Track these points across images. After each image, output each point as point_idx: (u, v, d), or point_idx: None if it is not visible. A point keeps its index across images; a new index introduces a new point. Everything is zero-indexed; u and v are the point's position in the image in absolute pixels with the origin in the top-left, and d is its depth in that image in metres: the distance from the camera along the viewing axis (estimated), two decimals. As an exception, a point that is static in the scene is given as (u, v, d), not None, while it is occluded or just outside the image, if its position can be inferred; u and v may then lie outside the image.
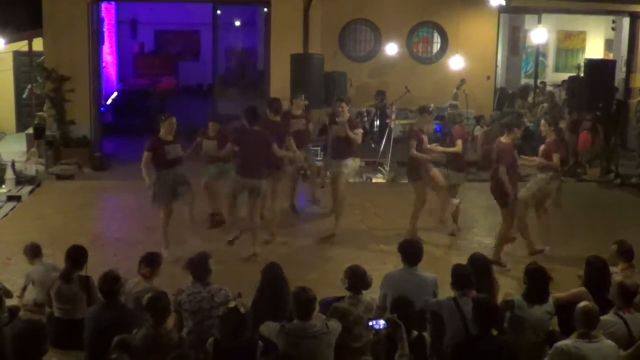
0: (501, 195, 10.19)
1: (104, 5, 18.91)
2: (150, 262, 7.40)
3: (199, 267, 7.01)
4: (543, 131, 10.92)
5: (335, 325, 6.42)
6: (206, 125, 11.82)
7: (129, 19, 25.47)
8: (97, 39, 16.95)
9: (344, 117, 11.43)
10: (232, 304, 6.08)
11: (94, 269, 7.59)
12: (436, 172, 11.32)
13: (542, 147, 10.80)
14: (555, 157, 10.59)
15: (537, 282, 6.93)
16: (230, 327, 5.94)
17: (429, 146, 11.25)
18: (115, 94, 22.81)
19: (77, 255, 7.46)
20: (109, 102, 21.29)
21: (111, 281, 6.71)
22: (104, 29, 20.52)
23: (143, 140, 10.83)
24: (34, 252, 8.43)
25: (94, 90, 16.67)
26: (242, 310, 5.99)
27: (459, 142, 11.38)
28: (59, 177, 15.35)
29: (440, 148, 11.58)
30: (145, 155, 10.33)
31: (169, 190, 10.41)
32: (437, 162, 11.65)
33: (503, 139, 10.32)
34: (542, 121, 11.12)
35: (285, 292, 7.04)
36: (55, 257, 8.64)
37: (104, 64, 19.81)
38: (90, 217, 12.91)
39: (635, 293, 6.74)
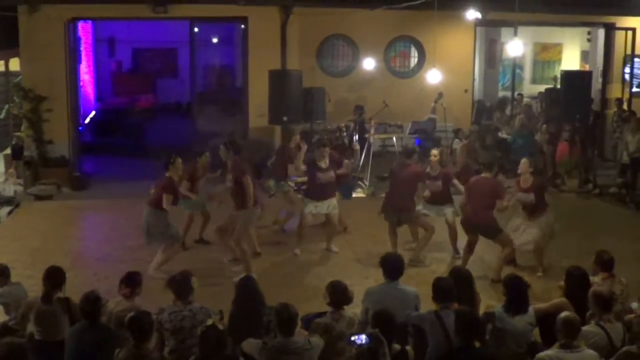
0: (492, 228, 10.47)
1: (80, 24, 18.86)
2: (130, 282, 7.34)
3: (180, 285, 6.99)
4: (523, 171, 10.88)
5: (317, 341, 6.42)
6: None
7: (106, 38, 25.40)
8: (74, 58, 16.89)
9: (325, 163, 11.62)
10: (209, 322, 6.07)
11: (74, 290, 7.53)
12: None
13: (526, 195, 10.74)
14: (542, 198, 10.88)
15: (515, 292, 6.97)
16: (209, 344, 5.92)
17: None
18: (94, 112, 22.76)
19: (55, 277, 7.39)
20: (87, 121, 21.21)
21: (92, 302, 6.66)
22: (81, 48, 20.47)
23: (122, 159, 10.84)
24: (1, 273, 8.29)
25: (71, 109, 16.60)
26: (221, 327, 5.97)
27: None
28: (38, 197, 15.26)
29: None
30: (168, 198, 10.36)
31: (170, 229, 10.61)
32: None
33: (485, 176, 10.69)
34: (524, 160, 11.07)
35: (261, 304, 7.05)
36: (35, 279, 8.56)
37: (81, 83, 19.71)
38: (70, 237, 12.85)
39: (610, 299, 6.78)
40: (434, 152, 11.85)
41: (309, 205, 11.68)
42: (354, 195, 15.50)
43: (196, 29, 18.00)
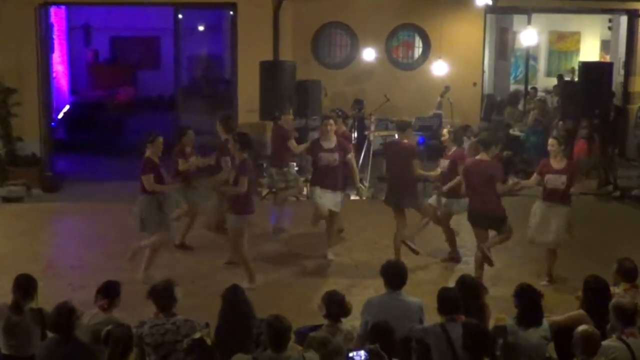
0: (498, 217, 10.37)
1: (53, 10, 18.83)
2: (108, 292, 7.31)
3: (163, 296, 6.98)
4: (552, 152, 10.79)
5: (312, 357, 6.40)
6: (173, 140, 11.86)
7: (81, 25, 25.37)
8: (46, 47, 16.84)
9: (331, 141, 11.53)
10: (197, 335, 6.07)
11: (46, 301, 7.51)
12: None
13: (558, 177, 10.59)
14: (580, 182, 10.73)
15: (527, 302, 6.97)
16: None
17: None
18: (68, 107, 22.72)
19: (26, 285, 7.37)
20: (60, 116, 21.19)
21: (66, 314, 6.63)
22: (54, 36, 20.43)
23: (99, 158, 10.83)
24: None
25: (43, 103, 16.56)
26: (209, 341, 5.98)
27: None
28: (6, 199, 15.23)
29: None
30: (148, 179, 10.43)
31: (161, 215, 10.59)
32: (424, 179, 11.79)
33: (481, 157, 10.51)
34: (552, 140, 11.00)
35: (250, 316, 7.05)
36: (3, 289, 8.54)
37: (54, 75, 19.70)
38: (42, 242, 12.83)
39: (633, 312, 6.77)
40: (444, 131, 11.89)
41: (315, 191, 11.66)
42: (352, 197, 15.52)
43: (180, 16, 17.99)
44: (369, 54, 18.83)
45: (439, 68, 18.05)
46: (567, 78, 21.01)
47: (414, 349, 7.00)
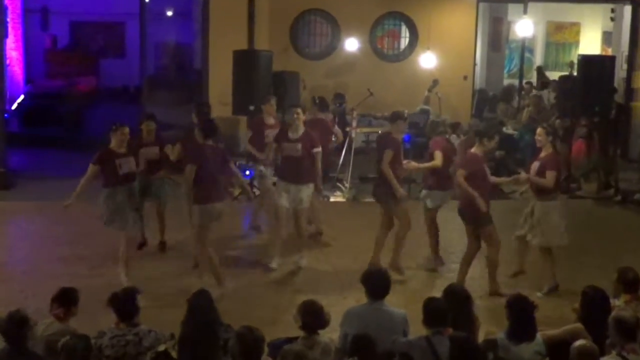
0: (473, 213, 10.36)
1: (7, -9, 18.74)
2: (65, 300, 7.27)
3: (124, 304, 6.94)
4: (539, 142, 10.85)
5: (287, 372, 6.41)
6: (138, 130, 11.78)
7: (38, 7, 25.27)
8: (-1, 32, 16.77)
9: (297, 132, 11.42)
10: (161, 348, 6.05)
11: (-5, 308, 7.48)
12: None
13: (535, 164, 10.75)
14: (550, 176, 10.57)
15: (520, 315, 6.98)
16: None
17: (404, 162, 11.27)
18: (22, 97, 22.63)
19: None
20: (14, 107, 21.10)
21: (17, 323, 6.58)
22: (8, 19, 20.34)
23: (56, 153, 10.74)
24: None
25: (-5, 93, 16.48)
26: (174, 354, 5.95)
27: (438, 154, 11.36)
28: (-46, 197, 15.17)
29: (415, 164, 11.59)
30: (90, 168, 10.45)
31: (126, 209, 10.53)
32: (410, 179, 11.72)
33: (473, 149, 10.52)
34: (539, 130, 11.06)
35: (216, 324, 7.03)
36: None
37: (7, 62, 19.59)
38: (-8, 245, 12.75)
39: (635, 326, 6.77)
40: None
41: (277, 187, 11.66)
42: (332, 199, 15.52)
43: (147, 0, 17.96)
44: (351, 44, 18.86)
45: (427, 60, 18.11)
46: (563, 73, 21.11)
47: (397, 363, 7.01)
